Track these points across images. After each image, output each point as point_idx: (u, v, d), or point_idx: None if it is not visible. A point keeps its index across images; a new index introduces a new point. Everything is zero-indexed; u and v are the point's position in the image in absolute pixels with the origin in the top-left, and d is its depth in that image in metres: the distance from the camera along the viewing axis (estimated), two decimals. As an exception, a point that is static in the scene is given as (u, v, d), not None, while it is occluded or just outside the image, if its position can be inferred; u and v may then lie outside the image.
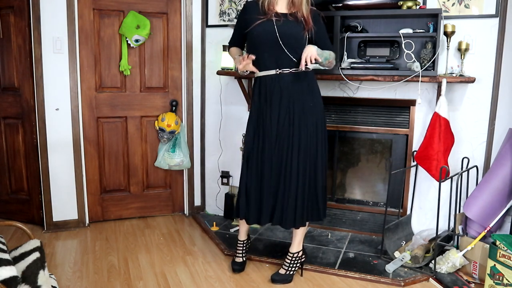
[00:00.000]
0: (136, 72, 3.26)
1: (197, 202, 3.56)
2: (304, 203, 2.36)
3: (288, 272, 2.45)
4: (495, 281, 2.20)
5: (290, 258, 2.47)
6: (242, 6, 2.42)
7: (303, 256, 2.51)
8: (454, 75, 2.65)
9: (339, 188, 3.29)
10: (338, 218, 3.20)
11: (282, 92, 2.28)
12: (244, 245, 2.60)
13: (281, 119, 2.30)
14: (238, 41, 2.51)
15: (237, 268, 2.55)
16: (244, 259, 2.59)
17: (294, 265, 2.47)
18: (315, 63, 2.22)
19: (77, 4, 3.01)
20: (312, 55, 2.16)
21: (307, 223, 2.45)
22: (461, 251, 2.50)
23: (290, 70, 2.28)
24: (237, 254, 2.59)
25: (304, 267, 2.54)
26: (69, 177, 3.13)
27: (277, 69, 2.28)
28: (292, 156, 2.31)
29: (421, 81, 2.61)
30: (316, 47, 2.21)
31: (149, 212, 3.49)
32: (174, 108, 3.35)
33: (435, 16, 2.60)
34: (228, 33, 3.24)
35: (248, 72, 2.38)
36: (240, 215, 2.45)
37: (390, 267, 2.53)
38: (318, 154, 2.36)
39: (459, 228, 2.68)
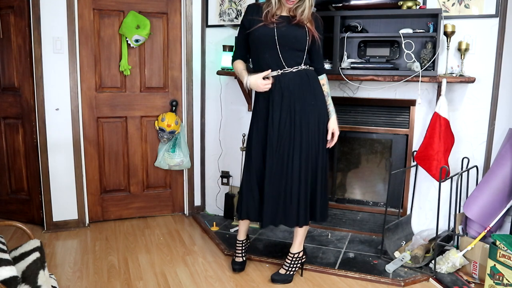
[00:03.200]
0: (136, 72, 3.27)
1: (197, 202, 3.56)
2: (307, 202, 2.36)
3: (288, 272, 2.45)
4: (495, 281, 2.20)
5: (290, 258, 2.47)
6: (244, 10, 2.41)
7: (304, 257, 2.51)
8: (454, 75, 2.65)
9: (339, 188, 3.29)
10: (338, 218, 3.20)
11: (284, 92, 2.28)
12: (243, 245, 2.60)
13: (283, 120, 2.30)
14: (243, 51, 2.44)
15: (237, 267, 2.55)
16: (244, 258, 2.60)
17: (294, 265, 2.47)
18: None
19: (77, 4, 3.01)
20: (337, 133, 2.40)
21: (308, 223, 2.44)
22: (461, 251, 2.50)
23: (291, 69, 2.28)
24: (237, 254, 2.59)
25: (304, 267, 2.54)
26: (69, 177, 3.13)
27: (278, 70, 2.28)
28: (293, 156, 2.30)
29: (421, 81, 2.61)
30: (334, 117, 2.40)
31: (149, 212, 3.49)
32: (174, 108, 3.35)
33: (435, 16, 2.60)
34: (228, 33, 3.26)
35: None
36: (242, 215, 2.45)
37: (390, 267, 2.53)
38: (320, 153, 2.36)
39: (459, 228, 2.68)
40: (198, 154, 3.50)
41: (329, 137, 2.37)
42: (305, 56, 2.30)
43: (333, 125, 2.38)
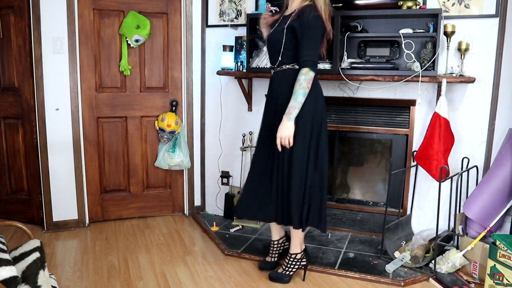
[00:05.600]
0: (136, 72, 3.27)
1: (197, 202, 3.56)
2: (278, 203, 2.37)
3: (284, 272, 2.45)
4: (495, 281, 2.20)
5: (288, 259, 2.47)
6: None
7: (304, 259, 2.47)
8: (454, 75, 2.65)
9: (339, 188, 3.29)
10: (338, 218, 3.20)
11: (272, 92, 2.39)
12: (276, 245, 2.59)
13: (271, 118, 2.38)
14: None
15: (262, 266, 2.57)
16: (273, 259, 2.59)
17: (292, 266, 2.46)
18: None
19: (77, 4, 3.01)
20: (284, 139, 2.19)
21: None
22: (461, 251, 2.50)
23: (279, 69, 2.34)
24: (269, 254, 2.61)
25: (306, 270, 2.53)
26: (69, 177, 3.13)
27: (272, 70, 2.41)
28: (273, 154, 2.35)
29: (421, 81, 2.61)
30: (284, 120, 2.19)
31: (149, 212, 3.49)
32: (174, 108, 3.35)
33: (435, 16, 2.60)
34: (228, 33, 3.26)
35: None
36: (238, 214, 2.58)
37: (390, 267, 2.53)
38: (294, 159, 2.26)
39: (459, 228, 2.68)
40: (198, 154, 3.50)
41: (277, 143, 2.23)
42: (282, 53, 2.27)
43: (279, 129, 2.21)
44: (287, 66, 2.30)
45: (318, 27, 2.20)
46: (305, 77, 2.17)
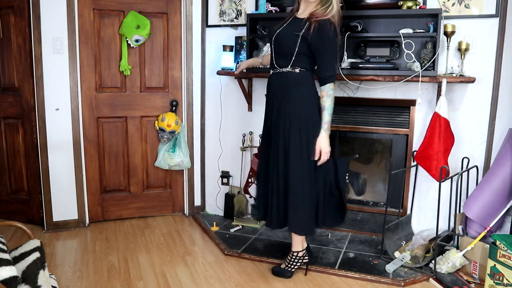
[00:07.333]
0: (136, 72, 3.26)
1: (197, 202, 3.56)
2: (279, 205, 2.38)
3: (286, 268, 2.50)
4: (495, 281, 2.20)
5: (290, 256, 2.51)
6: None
7: (306, 257, 2.50)
8: (454, 75, 2.65)
9: (339, 188, 3.29)
10: (338, 218, 3.20)
11: (271, 93, 2.41)
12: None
13: (273, 119, 2.39)
14: None
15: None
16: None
17: (294, 263, 2.49)
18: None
19: (77, 4, 3.01)
20: (326, 154, 2.24)
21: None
22: (461, 251, 2.50)
23: (279, 70, 2.34)
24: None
25: (308, 268, 2.55)
26: (69, 177, 3.13)
27: (271, 70, 2.41)
28: (278, 155, 2.35)
29: (421, 81, 2.61)
30: (322, 134, 2.24)
31: (149, 212, 3.49)
32: (174, 108, 3.35)
33: (435, 16, 2.60)
34: (228, 33, 3.25)
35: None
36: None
37: (390, 267, 2.53)
38: (293, 162, 2.29)
39: (459, 228, 2.68)
40: (198, 154, 3.50)
41: (316, 155, 2.25)
42: (293, 60, 2.27)
43: (318, 143, 2.24)
44: (287, 69, 2.31)
45: (336, 40, 2.26)
46: (333, 92, 2.25)
